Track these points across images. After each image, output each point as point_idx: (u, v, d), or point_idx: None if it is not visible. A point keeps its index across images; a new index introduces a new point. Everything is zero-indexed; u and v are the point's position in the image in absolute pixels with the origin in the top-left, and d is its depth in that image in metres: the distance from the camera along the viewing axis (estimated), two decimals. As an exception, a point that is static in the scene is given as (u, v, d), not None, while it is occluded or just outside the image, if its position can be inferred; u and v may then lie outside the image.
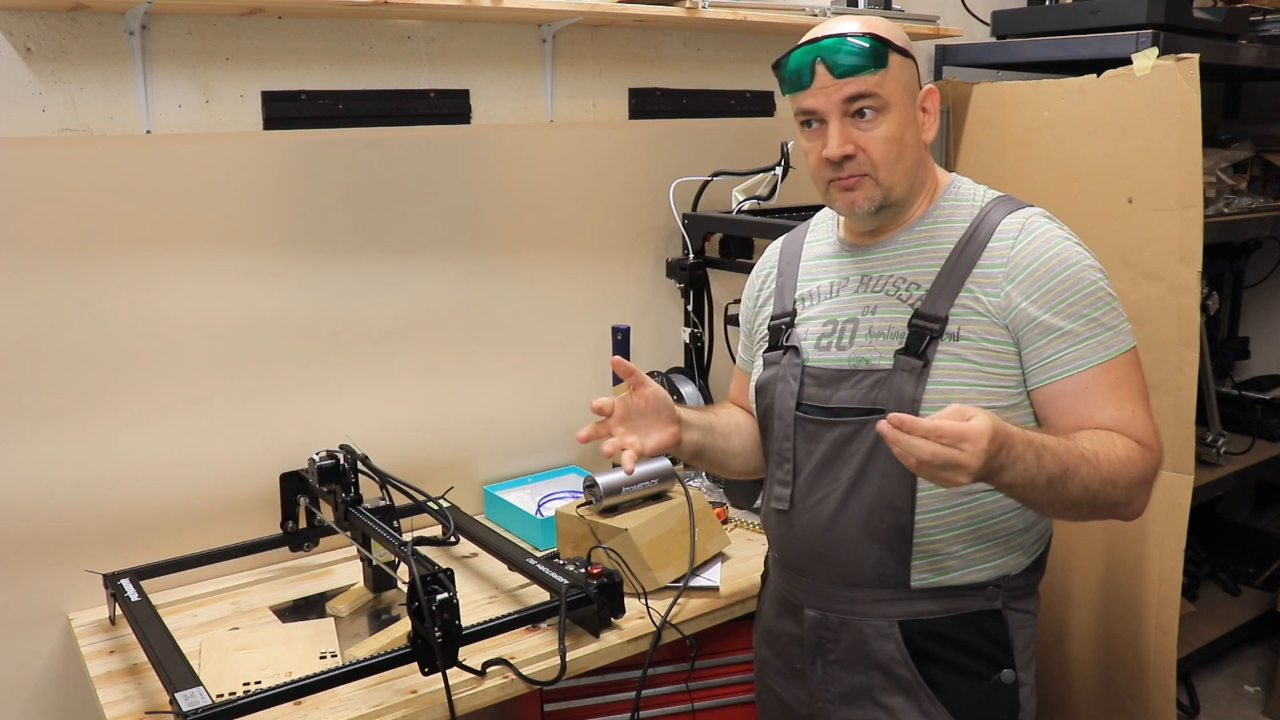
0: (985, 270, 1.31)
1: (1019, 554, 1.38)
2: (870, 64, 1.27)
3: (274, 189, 1.91)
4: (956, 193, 1.40)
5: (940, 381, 1.29)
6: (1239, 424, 2.93)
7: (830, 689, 1.44)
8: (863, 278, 1.41)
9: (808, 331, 1.43)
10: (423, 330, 2.11)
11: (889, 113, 1.29)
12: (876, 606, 1.38)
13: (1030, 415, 1.33)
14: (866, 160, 1.31)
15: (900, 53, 1.31)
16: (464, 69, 2.12)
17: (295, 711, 1.46)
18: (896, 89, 1.30)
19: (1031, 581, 1.42)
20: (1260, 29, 2.62)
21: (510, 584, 1.87)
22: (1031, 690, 1.41)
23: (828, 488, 1.38)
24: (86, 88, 1.74)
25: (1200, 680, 2.93)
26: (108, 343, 1.78)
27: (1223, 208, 2.60)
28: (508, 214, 2.18)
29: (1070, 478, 1.19)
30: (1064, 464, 1.19)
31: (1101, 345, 1.29)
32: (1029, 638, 1.41)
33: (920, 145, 1.35)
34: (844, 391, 1.36)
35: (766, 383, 1.46)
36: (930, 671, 1.37)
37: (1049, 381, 1.29)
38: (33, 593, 1.76)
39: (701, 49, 2.44)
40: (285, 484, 1.90)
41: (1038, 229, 1.32)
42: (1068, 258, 1.29)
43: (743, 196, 2.30)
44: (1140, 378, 1.32)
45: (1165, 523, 2.24)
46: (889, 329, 1.34)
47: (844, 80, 1.28)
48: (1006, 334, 1.29)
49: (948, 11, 2.80)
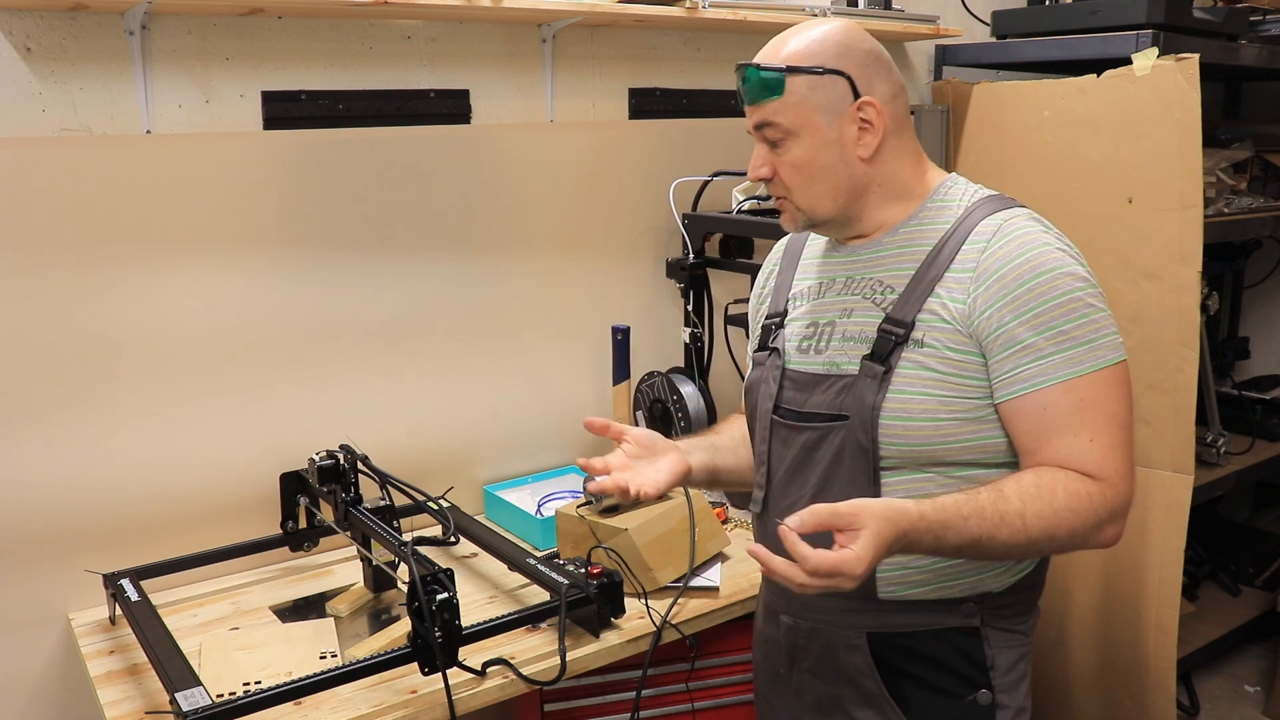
0: (955, 275, 1.25)
1: (999, 572, 1.31)
2: (764, 93, 1.27)
3: (274, 189, 1.91)
4: (945, 193, 1.34)
5: (900, 390, 1.25)
6: (1239, 424, 2.92)
7: (805, 697, 1.42)
8: (847, 279, 1.37)
9: (793, 333, 1.41)
10: (423, 330, 2.11)
11: (797, 137, 1.28)
12: (844, 616, 1.35)
13: (999, 430, 1.26)
14: (780, 184, 1.31)
15: (811, 73, 1.26)
16: (464, 69, 2.12)
17: (295, 711, 1.46)
18: (803, 112, 1.27)
19: (1021, 601, 1.35)
20: (1260, 29, 2.62)
21: (510, 584, 1.87)
22: (1018, 713, 1.34)
23: (797, 492, 1.36)
24: (86, 88, 1.74)
25: (1200, 680, 2.93)
26: (108, 342, 1.78)
27: (1223, 208, 2.60)
28: (508, 214, 2.18)
29: (986, 544, 1.16)
30: (973, 536, 1.15)
31: (1068, 362, 1.20)
32: (1016, 659, 1.34)
33: (850, 162, 1.29)
34: (816, 396, 1.34)
35: (753, 384, 1.45)
36: (900, 687, 1.33)
37: (1008, 399, 1.22)
38: (33, 593, 1.76)
39: (701, 49, 2.44)
40: (285, 484, 1.90)
41: (1014, 231, 1.24)
42: (1041, 264, 1.21)
43: (743, 196, 2.30)
44: (1116, 399, 1.22)
45: (1165, 523, 2.24)
46: (860, 333, 1.31)
47: (752, 107, 1.30)
48: (971, 343, 1.23)
49: (948, 11, 2.79)
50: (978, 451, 1.26)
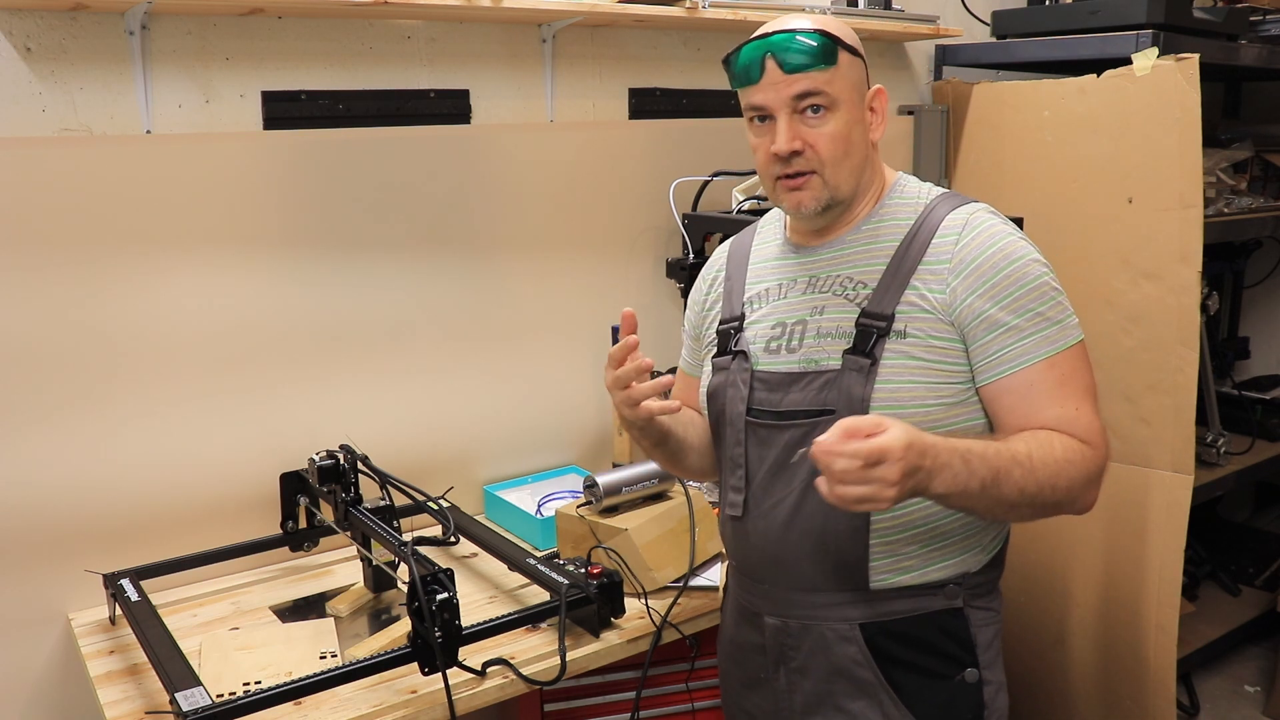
0: (930, 267, 1.30)
1: (978, 551, 1.37)
2: (819, 61, 1.27)
3: (274, 189, 1.91)
4: (901, 191, 1.39)
5: (888, 380, 1.28)
6: (1239, 424, 2.93)
7: (793, 697, 1.42)
8: (810, 279, 1.39)
9: (756, 335, 1.41)
10: (423, 330, 2.11)
11: (837, 110, 1.29)
12: (837, 610, 1.36)
13: (980, 412, 1.32)
14: (814, 157, 1.30)
15: (850, 51, 1.30)
16: (464, 69, 2.12)
17: (295, 711, 1.46)
18: (845, 87, 1.30)
19: (992, 578, 1.41)
20: (1260, 29, 2.62)
21: (510, 584, 1.87)
22: (999, 688, 1.39)
23: (781, 492, 1.36)
24: (86, 88, 1.74)
25: (1200, 680, 2.93)
26: (107, 342, 1.78)
27: (1223, 208, 2.60)
28: (507, 214, 2.18)
29: (1003, 481, 1.19)
30: (994, 468, 1.19)
31: (1047, 340, 1.27)
32: (993, 635, 1.40)
33: (867, 144, 1.35)
34: (794, 395, 1.35)
35: (717, 389, 1.44)
36: (893, 673, 1.35)
37: (994, 379, 1.29)
38: (33, 593, 1.76)
39: (701, 49, 2.44)
40: (285, 484, 1.90)
41: (981, 224, 1.31)
42: (1011, 253, 1.28)
43: (743, 196, 2.30)
44: (1087, 372, 1.31)
45: (1165, 523, 2.24)
46: (837, 329, 1.33)
47: (793, 76, 1.28)
48: (953, 330, 1.29)
49: (948, 11, 2.80)
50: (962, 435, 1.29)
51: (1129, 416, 2.27)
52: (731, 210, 2.30)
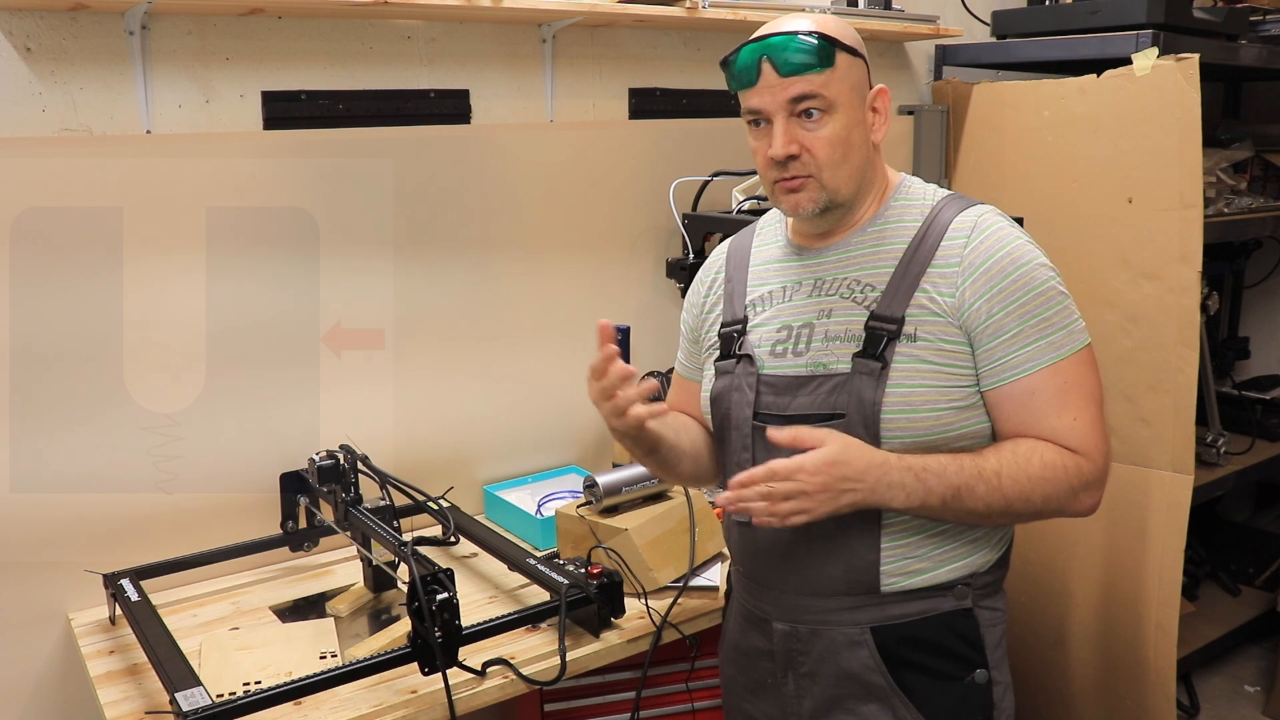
0: (939, 270, 1.30)
1: (986, 550, 1.38)
2: (816, 63, 1.26)
3: (274, 189, 1.91)
4: (907, 192, 1.38)
5: (899, 383, 1.28)
6: (1239, 424, 2.93)
7: (802, 702, 1.41)
8: (816, 281, 1.38)
9: (761, 338, 1.40)
10: (423, 330, 2.11)
11: (835, 113, 1.28)
12: (848, 614, 1.36)
13: (985, 415, 1.32)
14: (811, 161, 1.29)
15: (849, 52, 1.29)
16: (464, 69, 2.12)
17: (295, 711, 1.46)
18: (843, 89, 1.28)
19: (998, 578, 1.41)
20: (1260, 29, 2.63)
21: (510, 584, 1.87)
22: (1006, 688, 1.40)
23: None
24: (86, 88, 1.74)
25: (1200, 680, 2.93)
26: (107, 342, 1.78)
27: (1223, 208, 2.60)
28: (508, 214, 2.18)
29: (966, 497, 1.24)
30: (954, 485, 1.24)
31: (1051, 346, 1.28)
32: (999, 635, 1.40)
33: (869, 146, 1.34)
34: (802, 398, 1.34)
35: (721, 393, 1.43)
36: (903, 676, 1.35)
37: (997, 385, 1.29)
38: (33, 593, 1.76)
39: (701, 49, 2.44)
40: (285, 484, 1.90)
41: (990, 227, 1.30)
42: (1019, 257, 1.28)
43: (743, 196, 2.30)
44: (1092, 377, 1.30)
45: (1165, 523, 2.25)
46: (845, 332, 1.32)
47: (789, 79, 1.26)
48: (961, 334, 1.28)
49: (948, 11, 2.80)
50: (970, 438, 1.31)
51: (1129, 416, 2.27)
52: (731, 210, 2.30)
